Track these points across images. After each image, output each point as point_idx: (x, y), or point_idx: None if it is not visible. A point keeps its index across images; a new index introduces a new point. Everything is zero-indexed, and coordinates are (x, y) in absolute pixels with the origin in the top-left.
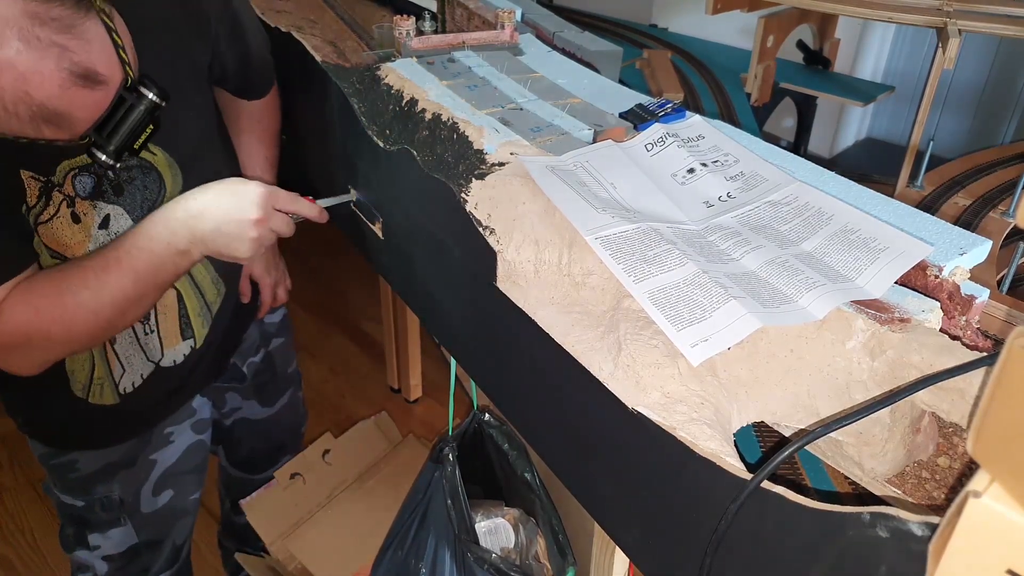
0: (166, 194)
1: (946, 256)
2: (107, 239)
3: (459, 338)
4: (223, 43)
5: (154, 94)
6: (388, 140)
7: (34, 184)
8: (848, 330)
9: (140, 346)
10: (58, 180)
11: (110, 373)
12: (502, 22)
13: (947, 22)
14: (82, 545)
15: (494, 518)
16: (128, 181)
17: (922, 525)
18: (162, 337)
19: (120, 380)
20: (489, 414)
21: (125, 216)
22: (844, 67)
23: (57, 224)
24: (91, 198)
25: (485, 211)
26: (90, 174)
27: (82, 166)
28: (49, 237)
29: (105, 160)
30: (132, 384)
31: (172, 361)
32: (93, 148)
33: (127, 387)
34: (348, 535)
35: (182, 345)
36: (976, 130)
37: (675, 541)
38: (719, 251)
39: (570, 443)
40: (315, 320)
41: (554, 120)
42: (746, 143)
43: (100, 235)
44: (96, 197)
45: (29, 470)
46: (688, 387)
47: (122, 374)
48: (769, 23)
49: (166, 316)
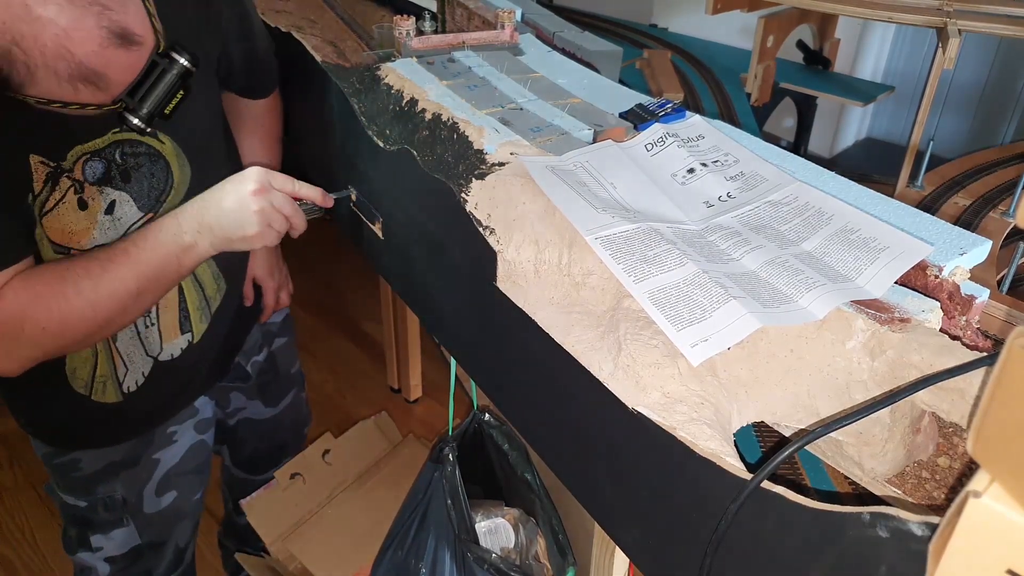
0: (173, 184)
1: (946, 256)
2: (112, 225)
3: (459, 338)
4: (232, 39)
5: (186, 59)
6: (388, 140)
7: (42, 169)
8: (848, 330)
9: (140, 341)
10: (68, 165)
11: (114, 371)
12: (502, 22)
13: (947, 22)
14: (84, 547)
15: (494, 518)
16: (136, 168)
17: (922, 525)
18: (161, 330)
19: (124, 379)
20: (489, 414)
21: (131, 203)
22: (844, 67)
23: (62, 210)
24: (99, 184)
25: (485, 211)
26: (101, 159)
27: (94, 151)
28: (54, 226)
29: (137, 124)
30: (135, 383)
31: (170, 355)
32: (125, 112)
33: (130, 386)
34: (348, 535)
35: (180, 339)
36: (976, 130)
37: (675, 541)
38: (719, 251)
39: (570, 443)
40: (315, 320)
41: (554, 120)
42: (746, 143)
43: (105, 221)
44: (104, 183)
45: (29, 470)
46: (688, 387)
47: (125, 373)
48: (769, 23)
49: (167, 309)
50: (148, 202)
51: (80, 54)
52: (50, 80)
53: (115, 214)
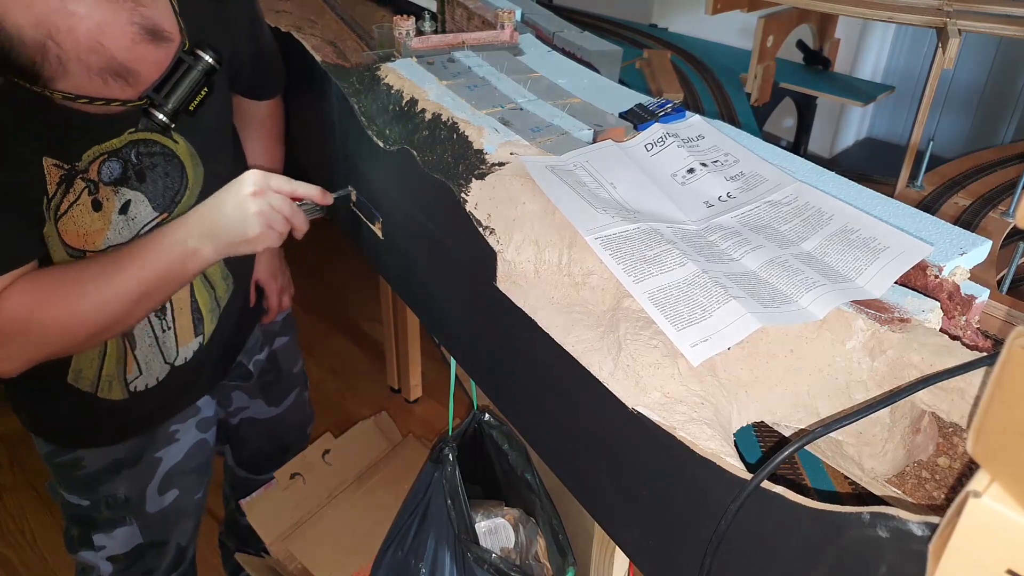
0: (188, 184)
1: (946, 256)
2: (126, 224)
3: (459, 338)
4: (242, 39)
5: (211, 57)
6: (388, 140)
7: (55, 172)
8: (848, 330)
9: (159, 347)
10: (83, 166)
11: (122, 373)
12: (502, 22)
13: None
14: (87, 546)
15: (494, 518)
16: (151, 168)
17: (922, 525)
18: (177, 334)
19: (133, 381)
20: (489, 414)
21: (146, 203)
22: (844, 67)
23: (76, 212)
24: (115, 184)
25: (485, 211)
26: (118, 159)
27: (111, 151)
28: (69, 228)
29: (163, 119)
30: (145, 385)
31: (184, 359)
32: (151, 108)
33: (138, 387)
34: (348, 535)
35: (193, 342)
36: (976, 130)
37: (675, 541)
38: (719, 251)
39: (570, 443)
40: (315, 320)
41: (554, 120)
42: (746, 143)
43: (119, 220)
44: (120, 183)
45: (29, 470)
46: (688, 387)
47: (136, 376)
48: (769, 23)
49: (181, 312)
50: (163, 202)
51: (113, 49)
52: (81, 74)
53: (129, 214)
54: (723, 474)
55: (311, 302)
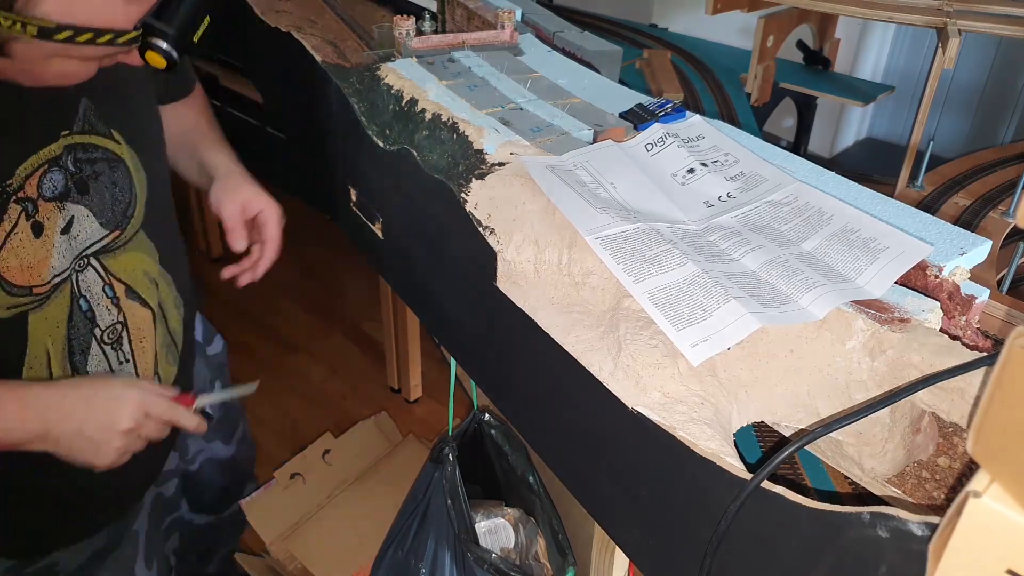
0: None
1: (946, 256)
2: (69, 245)
3: (459, 338)
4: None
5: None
6: (388, 140)
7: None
8: (848, 330)
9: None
10: (17, 183)
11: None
12: (502, 22)
13: (947, 22)
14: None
15: (494, 518)
16: (93, 177)
17: (922, 525)
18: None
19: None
20: (489, 414)
21: (91, 218)
22: (844, 67)
23: (16, 242)
24: (58, 199)
25: (485, 211)
26: (60, 169)
27: (50, 159)
28: (10, 264)
29: (167, 49)
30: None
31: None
32: (153, 38)
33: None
34: (348, 535)
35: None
36: (976, 130)
37: (675, 541)
38: (719, 251)
39: (570, 443)
40: (315, 320)
41: (554, 120)
42: (746, 143)
43: (62, 242)
44: (63, 198)
45: None
46: (688, 387)
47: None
48: (769, 23)
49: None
50: (113, 217)
51: None
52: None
53: (72, 232)
54: (723, 474)
55: (311, 302)
